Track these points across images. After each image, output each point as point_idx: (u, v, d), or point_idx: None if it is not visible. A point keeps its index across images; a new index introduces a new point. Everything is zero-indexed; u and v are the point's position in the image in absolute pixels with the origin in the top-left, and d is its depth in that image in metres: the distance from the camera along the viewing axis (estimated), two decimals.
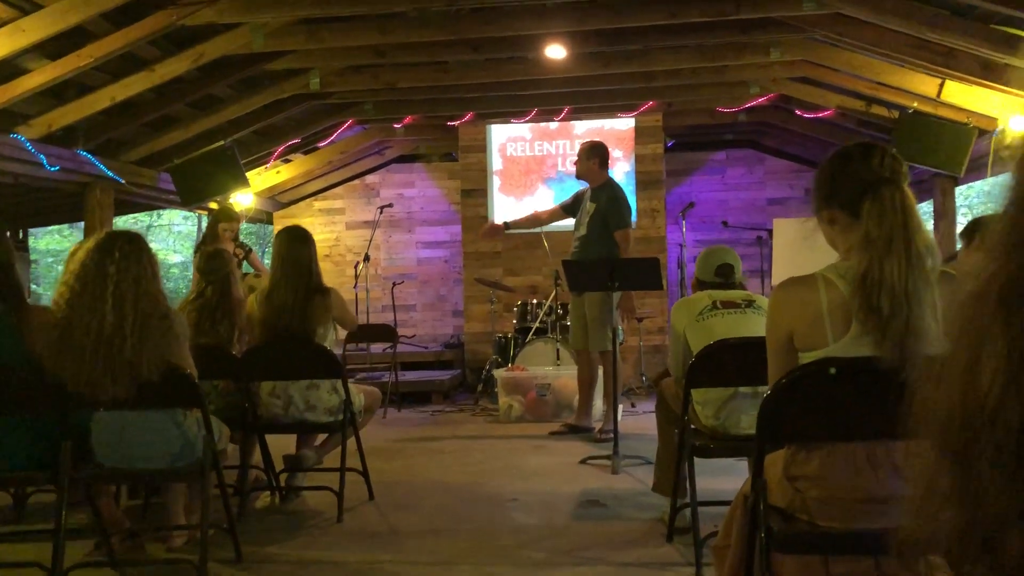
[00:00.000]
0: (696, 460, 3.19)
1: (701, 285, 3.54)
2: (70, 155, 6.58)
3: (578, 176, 6.12)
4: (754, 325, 3.23)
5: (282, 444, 4.32)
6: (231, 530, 3.30)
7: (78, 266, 2.90)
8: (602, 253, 5.76)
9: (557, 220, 6.49)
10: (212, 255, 4.27)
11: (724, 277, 3.50)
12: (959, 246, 4.91)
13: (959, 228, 8.18)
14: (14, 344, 2.87)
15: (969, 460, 0.71)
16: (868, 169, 1.87)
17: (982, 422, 0.70)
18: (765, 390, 2.11)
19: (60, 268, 20.27)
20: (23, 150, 6.11)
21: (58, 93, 6.10)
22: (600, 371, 6.09)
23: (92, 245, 2.90)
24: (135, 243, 2.92)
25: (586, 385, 6.11)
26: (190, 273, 21.66)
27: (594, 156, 6.00)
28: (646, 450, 4.88)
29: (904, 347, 1.78)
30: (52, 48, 5.40)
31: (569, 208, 6.22)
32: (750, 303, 3.37)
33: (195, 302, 4.14)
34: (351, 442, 4.13)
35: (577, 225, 6.04)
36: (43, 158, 6.26)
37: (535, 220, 6.43)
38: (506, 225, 6.46)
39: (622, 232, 5.85)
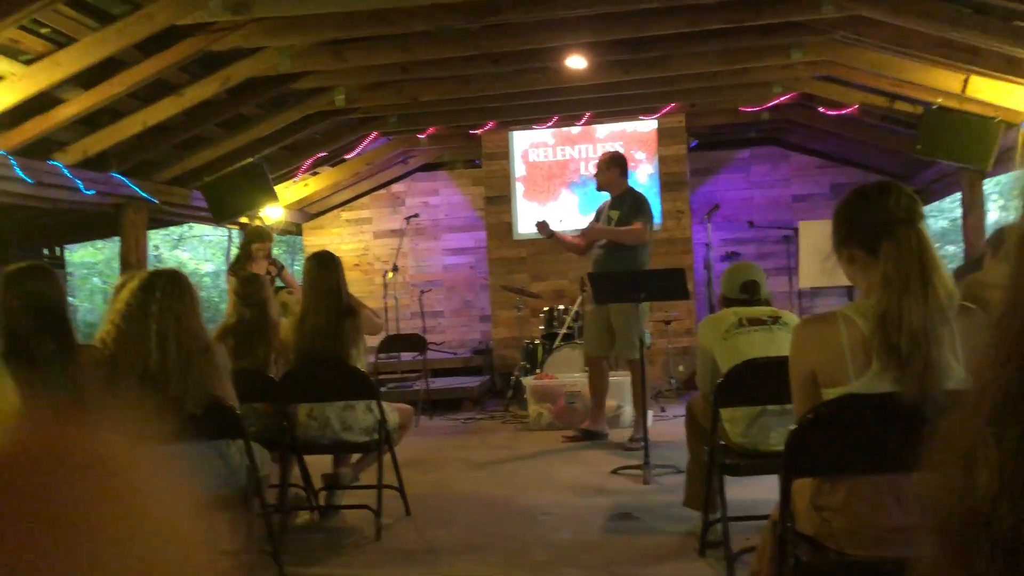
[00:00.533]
0: None
1: (727, 302, 3.59)
2: (104, 178, 6.75)
3: (599, 187, 6.16)
4: (780, 341, 3.27)
5: (319, 462, 4.43)
6: (274, 553, 3.41)
7: (123, 305, 3.01)
8: (626, 261, 5.80)
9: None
10: (248, 280, 4.40)
11: (749, 294, 3.54)
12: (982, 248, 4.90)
13: (988, 220, 8.16)
14: (65, 383, 2.99)
15: (969, 559, 0.77)
16: (885, 210, 1.92)
17: (978, 526, 0.76)
18: (792, 408, 2.16)
19: (94, 280, 20.59)
20: (61, 176, 6.29)
21: (92, 120, 6.25)
22: (627, 379, 6.15)
23: (135, 285, 3.02)
24: (176, 282, 3.03)
25: (599, 391, 6.23)
26: (221, 282, 21.92)
27: (614, 166, 6.05)
28: (677, 458, 4.93)
29: (924, 383, 1.83)
30: (86, 78, 5.54)
31: None
32: (776, 319, 3.42)
33: (235, 327, 4.26)
34: (386, 458, 4.23)
35: None
36: (79, 183, 6.43)
37: (576, 249, 6.30)
38: (550, 232, 6.15)
39: (639, 223, 5.82)
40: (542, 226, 6.15)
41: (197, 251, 22.02)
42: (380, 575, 3.53)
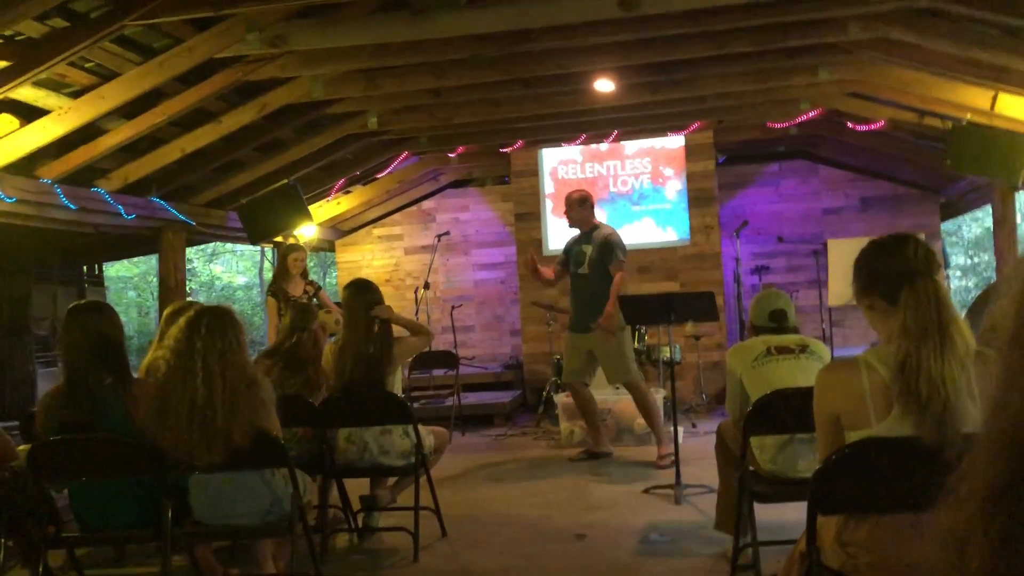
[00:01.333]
0: None
1: (755, 330, 3.66)
2: (144, 203, 6.95)
3: (571, 224, 6.47)
4: (809, 370, 3.34)
5: (356, 482, 4.54)
6: (317, 575, 3.52)
7: (172, 342, 3.16)
8: (604, 288, 6.10)
9: (562, 280, 6.59)
10: (302, 309, 4.66)
11: (777, 322, 3.61)
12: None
13: (1021, 231, 8.11)
14: (121, 415, 3.15)
15: None
16: (903, 261, 2.01)
17: None
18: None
19: (129, 294, 20.91)
20: (103, 202, 6.49)
21: (133, 147, 6.45)
22: (629, 399, 6.33)
23: (183, 323, 3.16)
24: (221, 318, 3.16)
25: (588, 413, 6.44)
26: (254, 295, 22.09)
27: (585, 204, 6.38)
28: (708, 477, 4.98)
29: (943, 427, 1.91)
30: (128, 109, 5.73)
31: (566, 262, 6.50)
32: (804, 348, 3.49)
33: (289, 350, 4.42)
34: (422, 480, 4.34)
35: (576, 265, 6.36)
36: (121, 208, 6.64)
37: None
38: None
39: (617, 271, 6.13)
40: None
41: (230, 264, 22.37)
42: None
